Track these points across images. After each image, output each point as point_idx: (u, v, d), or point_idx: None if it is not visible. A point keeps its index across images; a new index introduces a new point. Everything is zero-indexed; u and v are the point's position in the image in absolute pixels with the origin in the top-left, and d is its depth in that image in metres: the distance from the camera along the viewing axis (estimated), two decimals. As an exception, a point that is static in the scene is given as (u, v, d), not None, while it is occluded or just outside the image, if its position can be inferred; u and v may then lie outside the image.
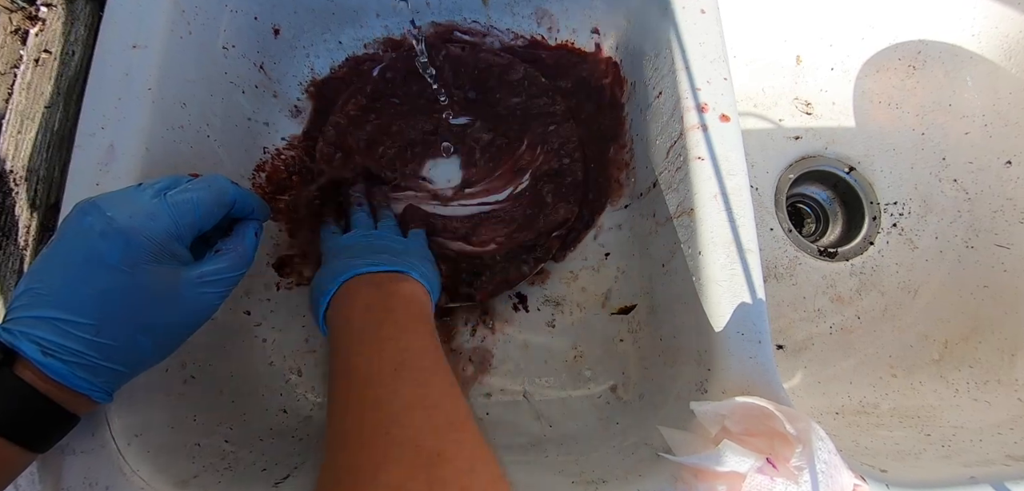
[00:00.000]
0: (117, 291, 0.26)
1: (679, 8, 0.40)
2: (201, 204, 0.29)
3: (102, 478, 0.31)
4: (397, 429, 0.26)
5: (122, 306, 0.26)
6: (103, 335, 0.26)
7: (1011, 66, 0.56)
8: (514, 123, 0.49)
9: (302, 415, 0.44)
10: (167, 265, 0.28)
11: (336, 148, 0.48)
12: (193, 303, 0.29)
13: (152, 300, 0.27)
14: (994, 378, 0.50)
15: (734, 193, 0.36)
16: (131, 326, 0.27)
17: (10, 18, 0.41)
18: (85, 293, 0.26)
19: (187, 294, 0.28)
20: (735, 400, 0.31)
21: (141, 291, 0.27)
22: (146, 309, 0.27)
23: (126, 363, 0.28)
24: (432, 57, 0.50)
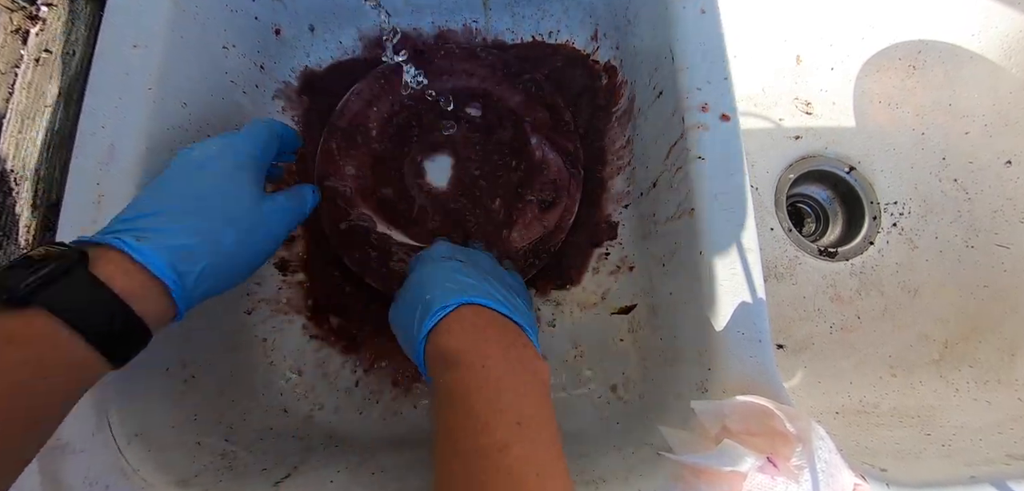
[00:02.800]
0: (209, 182, 0.30)
1: (679, 8, 0.40)
2: (262, 132, 0.34)
3: (102, 477, 0.31)
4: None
5: (212, 192, 0.30)
6: (191, 217, 0.28)
7: (1011, 66, 0.56)
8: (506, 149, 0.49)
9: (302, 415, 0.44)
10: (250, 176, 0.32)
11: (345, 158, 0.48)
12: (269, 222, 0.32)
13: (238, 199, 0.30)
14: (994, 378, 0.50)
15: (734, 193, 0.36)
16: (219, 215, 0.29)
17: (11, 18, 0.41)
18: (179, 189, 0.29)
19: (265, 212, 0.31)
20: (735, 399, 0.31)
21: (230, 184, 0.30)
22: (232, 202, 0.30)
23: (210, 258, 0.28)
24: (430, 59, 0.50)
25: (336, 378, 0.46)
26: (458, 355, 0.28)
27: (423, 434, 0.44)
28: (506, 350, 0.28)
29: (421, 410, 0.45)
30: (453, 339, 0.29)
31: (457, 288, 0.31)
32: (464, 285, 0.31)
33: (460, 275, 0.32)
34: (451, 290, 0.31)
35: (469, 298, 0.30)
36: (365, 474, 0.36)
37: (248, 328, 0.45)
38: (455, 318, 0.29)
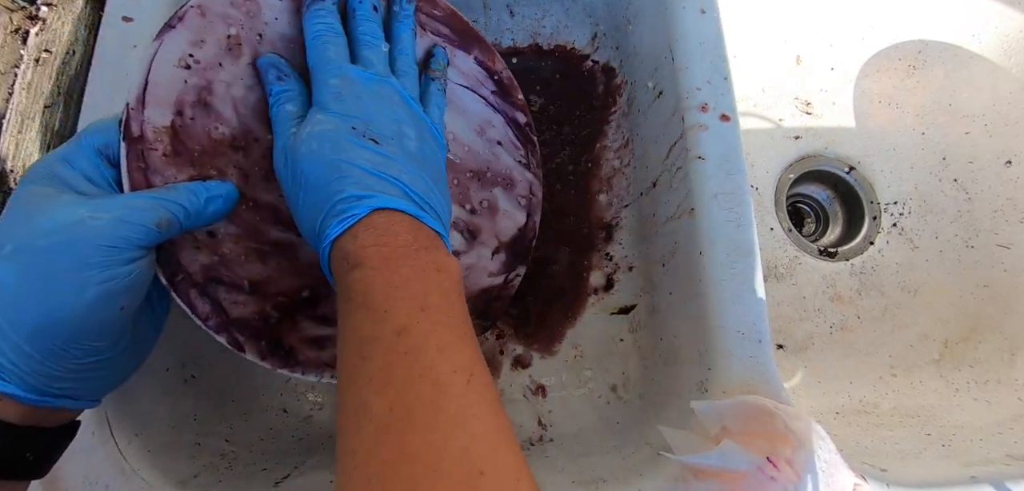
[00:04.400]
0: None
1: (679, 8, 0.40)
2: (97, 127, 0.29)
3: (102, 477, 0.31)
4: (445, 439, 0.22)
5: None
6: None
7: (1011, 66, 0.56)
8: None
9: (302, 415, 0.44)
10: (57, 185, 0.26)
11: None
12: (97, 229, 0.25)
13: (28, 215, 0.25)
14: (994, 378, 0.50)
15: (734, 193, 0.36)
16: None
17: (10, 18, 0.41)
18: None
19: (78, 217, 0.25)
20: (735, 399, 0.31)
21: (25, 203, 0.25)
22: (18, 222, 0.25)
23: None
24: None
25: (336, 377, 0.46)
26: (363, 256, 0.25)
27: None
28: (415, 252, 0.26)
29: (421, 410, 0.45)
30: (358, 243, 0.26)
31: (368, 188, 0.27)
32: (379, 184, 0.27)
33: (374, 169, 0.27)
34: (360, 191, 0.26)
35: (382, 203, 0.26)
36: (365, 474, 0.36)
37: (248, 328, 0.45)
38: (364, 225, 0.26)
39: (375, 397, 0.22)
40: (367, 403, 0.22)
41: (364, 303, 0.24)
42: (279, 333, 0.34)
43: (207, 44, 0.31)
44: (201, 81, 0.31)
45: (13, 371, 0.23)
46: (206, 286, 0.31)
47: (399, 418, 0.21)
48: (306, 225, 0.28)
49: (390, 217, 0.27)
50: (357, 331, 0.24)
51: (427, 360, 0.23)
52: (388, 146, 0.28)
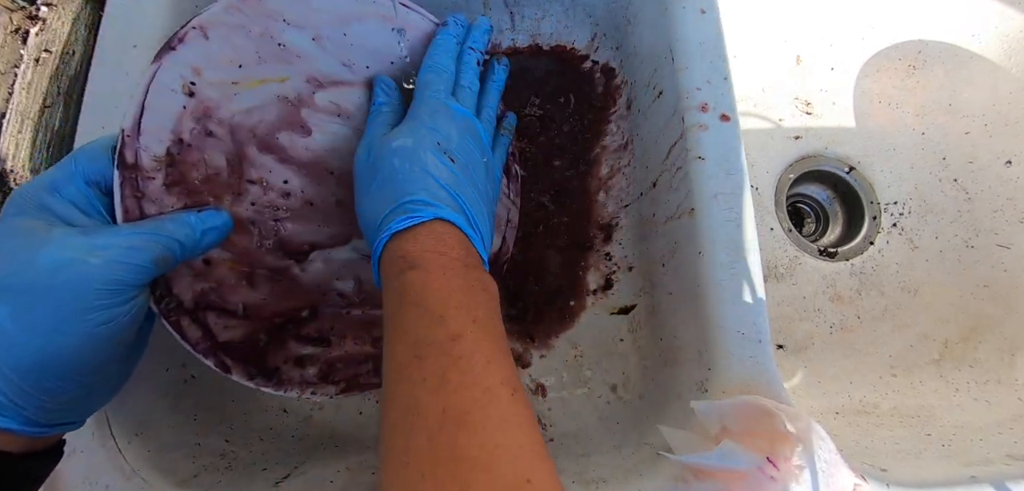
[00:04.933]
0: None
1: (679, 8, 0.40)
2: (86, 152, 0.28)
3: (102, 477, 0.31)
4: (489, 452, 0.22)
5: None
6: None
7: (1011, 66, 0.56)
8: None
9: (302, 415, 0.44)
10: (46, 216, 0.26)
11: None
12: (83, 275, 0.25)
13: (15, 251, 0.25)
14: (994, 378, 0.50)
15: (734, 193, 0.36)
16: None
17: (10, 17, 0.41)
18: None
19: (65, 258, 0.25)
20: (735, 399, 0.31)
21: (11, 238, 0.25)
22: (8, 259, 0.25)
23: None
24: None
25: (336, 378, 0.46)
26: (420, 259, 0.27)
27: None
28: (466, 267, 0.28)
29: (421, 410, 0.45)
30: (417, 245, 0.28)
31: (437, 198, 0.29)
32: (445, 198, 0.30)
33: (447, 184, 0.30)
34: (430, 198, 0.29)
35: (445, 214, 0.29)
36: (365, 474, 0.36)
37: (248, 328, 0.45)
38: (426, 230, 0.28)
39: (429, 397, 0.23)
40: (421, 403, 0.23)
41: (420, 303, 0.26)
42: (266, 354, 0.34)
43: (210, 68, 0.30)
44: (202, 107, 0.30)
45: (10, 407, 0.23)
46: (196, 312, 0.31)
47: (452, 420, 0.22)
48: (369, 215, 0.30)
49: (449, 229, 0.29)
50: (412, 330, 0.25)
51: (478, 368, 0.24)
52: (461, 169, 0.31)
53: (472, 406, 0.22)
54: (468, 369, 0.23)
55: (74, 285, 0.23)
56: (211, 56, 0.30)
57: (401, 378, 0.24)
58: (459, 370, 0.23)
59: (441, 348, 0.24)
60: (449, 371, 0.23)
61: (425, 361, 0.24)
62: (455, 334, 0.24)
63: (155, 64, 0.29)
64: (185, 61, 0.29)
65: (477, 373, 0.23)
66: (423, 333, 0.25)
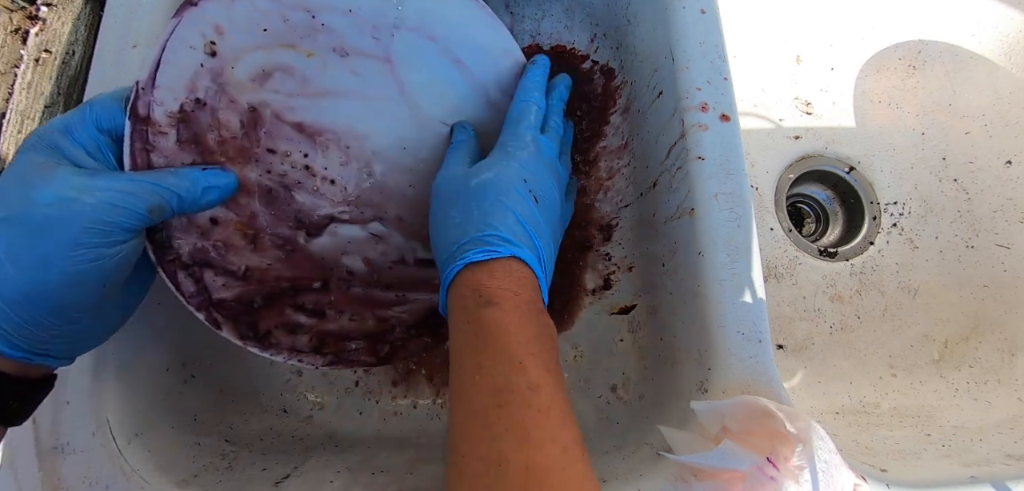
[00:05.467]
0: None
1: (679, 8, 0.40)
2: (96, 103, 0.28)
3: (102, 478, 0.31)
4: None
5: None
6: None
7: (1011, 66, 0.56)
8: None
9: (302, 415, 0.44)
10: (51, 157, 0.26)
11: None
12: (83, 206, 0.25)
13: (17, 185, 0.26)
14: (994, 378, 0.50)
15: (734, 193, 0.36)
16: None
17: (10, 18, 0.41)
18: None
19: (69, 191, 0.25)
20: (735, 399, 0.31)
21: (15, 172, 0.26)
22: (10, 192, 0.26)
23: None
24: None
25: (336, 378, 0.46)
26: (496, 296, 0.27)
27: (423, 434, 0.44)
28: (538, 311, 0.28)
29: (421, 410, 0.45)
30: (495, 281, 0.28)
31: (515, 235, 0.29)
32: (523, 237, 0.30)
33: (527, 223, 0.30)
34: (509, 234, 0.29)
35: (522, 254, 0.29)
36: (365, 474, 0.36)
37: (248, 328, 0.45)
38: (502, 267, 0.28)
39: (513, 453, 0.23)
40: (504, 457, 0.23)
41: (499, 345, 0.26)
42: (259, 317, 0.34)
43: (234, 29, 0.29)
44: (221, 67, 0.30)
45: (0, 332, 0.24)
46: (193, 267, 0.31)
47: (536, 478, 0.22)
48: (444, 241, 0.31)
49: (523, 269, 0.29)
50: (492, 373, 0.25)
51: (555, 424, 0.24)
52: (541, 210, 0.32)
53: (553, 466, 0.23)
54: (547, 424, 0.24)
55: (65, 222, 0.24)
56: (234, 17, 0.30)
57: (483, 425, 0.24)
58: (539, 425, 0.24)
59: (523, 399, 0.24)
60: (531, 426, 0.24)
61: (507, 410, 0.24)
62: (535, 384, 0.25)
63: (175, 18, 0.29)
64: (207, 19, 0.29)
65: (555, 430, 0.24)
66: (503, 379, 0.25)
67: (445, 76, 0.36)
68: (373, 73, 0.34)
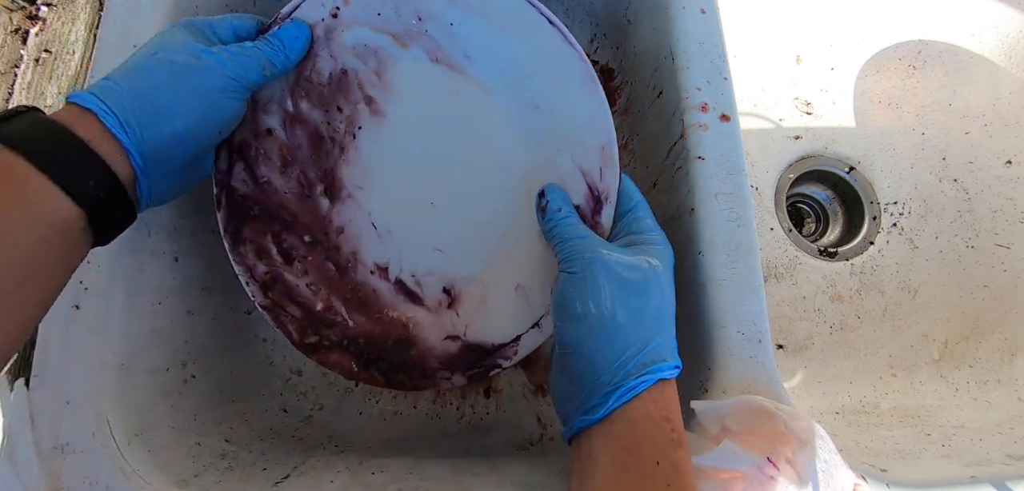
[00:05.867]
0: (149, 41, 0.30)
1: (679, 8, 0.40)
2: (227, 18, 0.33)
3: (102, 477, 0.31)
4: None
5: (147, 47, 0.30)
6: (122, 68, 0.29)
7: (1011, 66, 0.56)
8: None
9: (302, 415, 0.44)
10: (192, 33, 0.31)
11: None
12: (222, 63, 0.30)
13: (170, 43, 0.30)
14: (994, 378, 0.50)
15: (734, 193, 0.36)
16: (146, 57, 0.29)
17: (10, 17, 0.41)
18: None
19: (210, 53, 0.30)
20: (735, 399, 0.31)
21: (165, 36, 0.30)
22: (164, 47, 0.30)
23: (131, 86, 0.28)
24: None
25: (336, 378, 0.46)
26: (681, 433, 0.24)
27: (423, 434, 0.44)
28: (679, 440, 0.25)
29: (421, 410, 0.45)
30: (676, 408, 0.24)
31: (657, 349, 0.25)
32: (665, 345, 0.26)
33: (665, 325, 0.27)
34: (673, 350, 0.26)
35: (665, 373, 0.25)
36: (365, 474, 0.36)
37: (248, 328, 0.45)
38: (671, 390, 0.25)
39: None
40: None
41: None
42: (247, 222, 0.38)
43: (356, 4, 0.35)
44: (334, 28, 0.35)
45: (134, 138, 0.27)
46: (232, 153, 0.36)
47: None
48: (603, 349, 0.26)
49: (666, 388, 0.26)
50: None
51: None
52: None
53: None
54: None
55: (210, 71, 0.29)
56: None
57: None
58: None
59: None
60: None
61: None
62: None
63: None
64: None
65: None
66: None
67: (519, 116, 0.36)
68: (449, 85, 0.36)
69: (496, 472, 0.36)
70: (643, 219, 0.33)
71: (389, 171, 0.37)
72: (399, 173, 0.37)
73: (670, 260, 0.31)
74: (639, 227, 0.32)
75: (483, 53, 0.35)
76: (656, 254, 0.30)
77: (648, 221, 0.33)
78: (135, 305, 0.35)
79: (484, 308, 0.38)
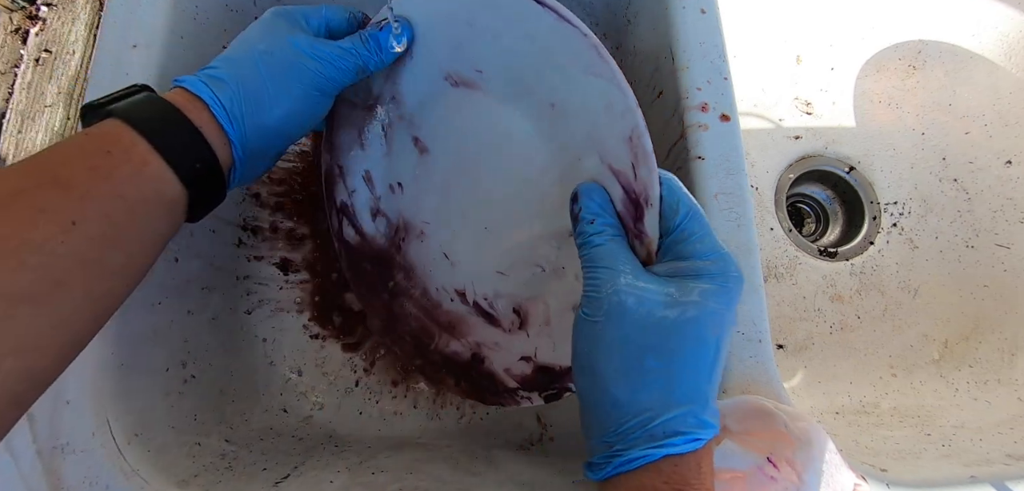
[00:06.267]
0: (248, 30, 0.31)
1: (679, 8, 0.40)
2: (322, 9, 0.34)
3: (102, 478, 0.31)
4: None
5: (247, 34, 0.31)
6: (224, 56, 0.30)
7: (1011, 66, 0.56)
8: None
9: (302, 415, 0.44)
10: (290, 24, 0.32)
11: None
12: (316, 58, 0.31)
13: (271, 34, 0.31)
14: (994, 378, 0.50)
15: (734, 193, 0.36)
16: (249, 46, 0.30)
17: (10, 17, 0.41)
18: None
19: (306, 47, 0.31)
20: (735, 399, 0.31)
21: (264, 26, 0.31)
22: (265, 37, 0.31)
23: (235, 76, 0.29)
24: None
25: (336, 378, 0.46)
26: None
27: (423, 434, 0.44)
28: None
29: (421, 410, 0.45)
30: (704, 481, 0.21)
31: (714, 415, 0.22)
32: (689, 413, 0.22)
33: (713, 377, 0.22)
34: (710, 416, 0.22)
35: (676, 449, 0.21)
36: (365, 474, 0.36)
37: (248, 328, 0.45)
38: (706, 456, 0.22)
39: None
40: None
41: None
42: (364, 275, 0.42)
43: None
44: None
45: (239, 130, 0.28)
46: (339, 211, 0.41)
47: None
48: (625, 399, 0.22)
49: (707, 458, 0.22)
50: None
51: None
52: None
53: None
54: None
55: (305, 66, 0.30)
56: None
57: None
58: None
59: None
60: None
61: None
62: None
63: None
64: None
65: None
66: None
67: (537, 121, 0.32)
68: (473, 107, 0.34)
69: (496, 472, 0.36)
70: (694, 236, 0.25)
71: (445, 203, 0.38)
72: (453, 204, 0.38)
73: (730, 292, 0.23)
74: (689, 248, 0.25)
75: (488, 63, 0.32)
76: (704, 288, 0.23)
77: (701, 238, 0.25)
78: (135, 305, 0.35)
79: (549, 329, 0.35)
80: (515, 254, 0.36)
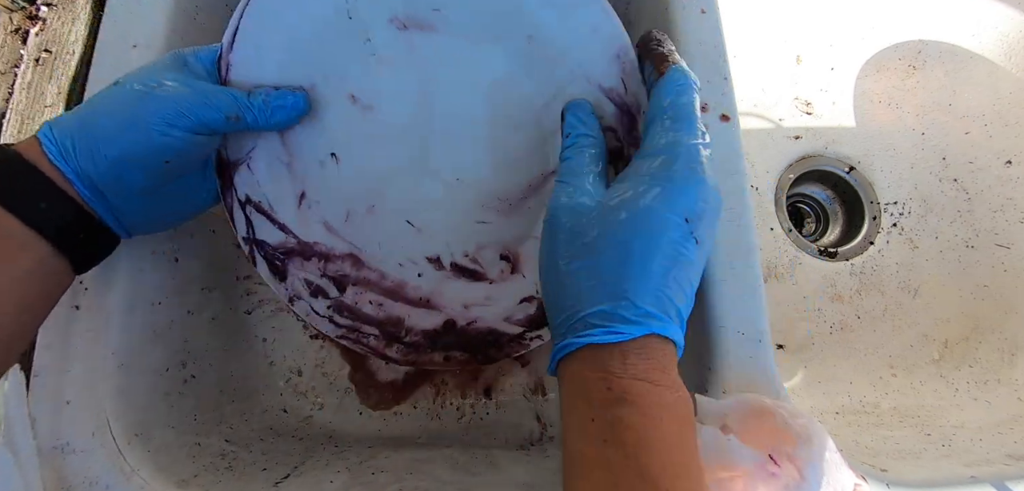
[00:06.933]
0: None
1: (679, 8, 0.40)
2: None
3: (102, 478, 0.31)
4: None
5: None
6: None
7: (1011, 66, 0.56)
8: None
9: (302, 415, 0.44)
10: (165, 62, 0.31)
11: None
12: (174, 96, 0.30)
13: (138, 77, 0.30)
14: (994, 378, 0.50)
15: (734, 193, 0.36)
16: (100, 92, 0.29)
17: (10, 17, 0.41)
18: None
19: (166, 85, 0.30)
20: (736, 397, 0.31)
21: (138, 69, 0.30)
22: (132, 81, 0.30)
23: (76, 120, 0.28)
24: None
25: (336, 378, 0.46)
26: (634, 393, 0.22)
27: (423, 434, 0.44)
28: (678, 400, 0.23)
29: (421, 410, 0.45)
30: (629, 368, 0.22)
31: (664, 309, 0.23)
32: (672, 310, 0.23)
33: (681, 283, 0.23)
34: (655, 308, 0.23)
35: (665, 332, 0.23)
36: (365, 474, 0.36)
37: (248, 328, 0.45)
38: (639, 350, 0.22)
39: None
40: None
41: (639, 469, 0.21)
42: (289, 266, 0.36)
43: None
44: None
45: (73, 165, 0.27)
46: (245, 207, 0.35)
47: None
48: (563, 297, 0.24)
49: (665, 347, 0.23)
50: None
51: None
52: (702, 256, 0.24)
53: None
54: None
55: (167, 99, 0.28)
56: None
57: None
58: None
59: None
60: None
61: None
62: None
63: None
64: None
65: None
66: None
67: (514, 56, 0.31)
68: (428, 50, 0.32)
69: (496, 472, 0.36)
70: (666, 132, 0.25)
71: (403, 165, 0.35)
72: (410, 163, 0.35)
73: (669, 195, 0.24)
74: (660, 141, 0.25)
75: (448, 1, 0.30)
76: (656, 185, 0.24)
77: (673, 131, 0.25)
78: (135, 305, 0.35)
79: None
80: (497, 197, 0.35)
